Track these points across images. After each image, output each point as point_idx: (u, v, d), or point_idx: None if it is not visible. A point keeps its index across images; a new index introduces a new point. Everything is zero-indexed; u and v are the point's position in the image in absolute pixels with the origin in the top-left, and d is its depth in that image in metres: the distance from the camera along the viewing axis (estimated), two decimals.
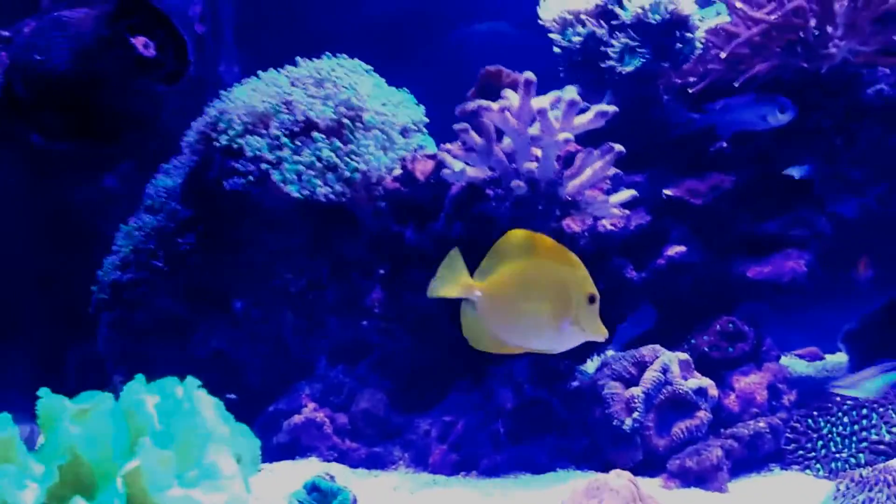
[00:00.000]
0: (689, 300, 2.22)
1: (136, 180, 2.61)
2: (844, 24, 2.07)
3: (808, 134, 2.22)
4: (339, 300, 2.26)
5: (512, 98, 1.89)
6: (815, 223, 2.20)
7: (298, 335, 2.26)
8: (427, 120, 2.37)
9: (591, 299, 1.25)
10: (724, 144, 2.24)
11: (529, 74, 1.87)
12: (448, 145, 2.04)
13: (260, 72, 2.30)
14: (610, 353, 2.24)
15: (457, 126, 1.85)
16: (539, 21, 2.27)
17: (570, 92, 1.85)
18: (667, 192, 2.19)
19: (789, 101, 2.12)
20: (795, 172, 2.20)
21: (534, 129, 1.83)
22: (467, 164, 1.94)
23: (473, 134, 1.87)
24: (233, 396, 2.32)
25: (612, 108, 1.87)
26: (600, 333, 1.26)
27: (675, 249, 2.17)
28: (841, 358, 3.07)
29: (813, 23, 2.02)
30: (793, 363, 3.19)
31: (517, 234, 1.29)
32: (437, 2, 3.37)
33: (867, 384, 1.89)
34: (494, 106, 1.84)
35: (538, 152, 1.90)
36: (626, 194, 1.94)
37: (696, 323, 2.16)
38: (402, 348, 2.22)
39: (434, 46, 3.36)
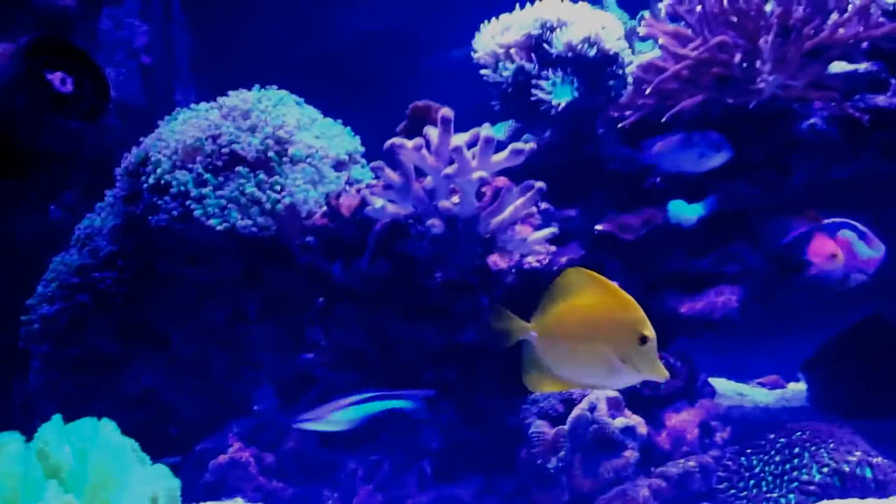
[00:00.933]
0: None
1: (82, 211, 2.60)
2: (773, 58, 2.06)
3: (740, 168, 2.20)
4: (273, 336, 2.23)
5: (432, 135, 1.88)
6: (748, 259, 2.18)
7: (230, 372, 2.24)
8: (363, 150, 2.36)
9: (643, 340, 1.25)
10: (658, 179, 2.23)
11: (447, 111, 1.86)
12: (373, 181, 2.03)
13: (192, 104, 2.29)
14: None
15: (373, 164, 1.84)
16: (472, 54, 2.27)
17: (486, 129, 1.83)
18: (598, 227, 2.17)
19: (725, 141, 2.11)
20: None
21: (450, 168, 1.81)
22: (390, 201, 1.93)
23: (389, 171, 1.85)
24: (174, 430, 2.30)
25: (528, 146, 1.85)
26: (658, 374, 1.27)
27: None
28: (801, 386, 3.06)
29: (738, 58, 2.01)
30: (753, 391, 3.18)
31: (573, 273, 1.34)
32: (409, 28, 3.37)
33: (336, 415, 1.85)
34: (409, 144, 1.82)
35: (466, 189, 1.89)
36: (545, 232, 1.93)
37: None
38: (340, 384, 2.20)
39: (407, 73, 3.35)
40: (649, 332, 1.26)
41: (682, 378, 2.10)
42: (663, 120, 2.07)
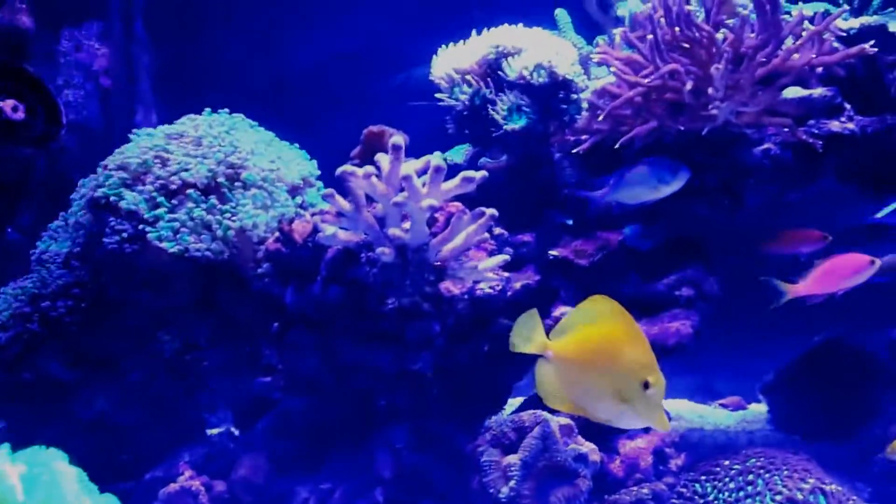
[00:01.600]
0: None
1: (39, 232, 2.58)
2: (724, 86, 2.06)
3: (694, 194, 2.21)
4: (227, 361, 2.21)
5: (383, 162, 1.87)
6: (703, 284, 2.19)
7: (183, 398, 2.21)
8: (318, 173, 2.35)
9: (646, 386, 1.24)
10: (614, 203, 2.23)
11: (397, 138, 1.85)
12: (326, 206, 2.02)
13: (146, 128, 2.28)
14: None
15: (323, 192, 1.83)
16: (429, 78, 2.27)
17: (437, 158, 1.82)
18: (552, 252, 2.17)
19: (681, 164, 2.11)
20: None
21: (399, 196, 1.80)
22: (342, 227, 1.92)
23: (339, 199, 1.84)
24: (126, 458, 2.27)
25: (479, 174, 1.85)
26: (658, 424, 1.25)
27: (561, 310, 2.15)
28: (763, 408, 3.06)
29: (690, 85, 2.02)
30: (715, 413, 3.18)
31: (598, 300, 1.33)
32: (375, 48, 3.36)
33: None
34: (359, 172, 1.81)
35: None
36: (497, 259, 1.92)
37: None
38: (294, 410, 2.18)
39: (371, 94, 3.35)
40: (654, 378, 1.24)
41: None
42: (616, 146, 2.08)
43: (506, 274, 2.02)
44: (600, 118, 2.08)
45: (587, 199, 2.14)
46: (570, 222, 2.27)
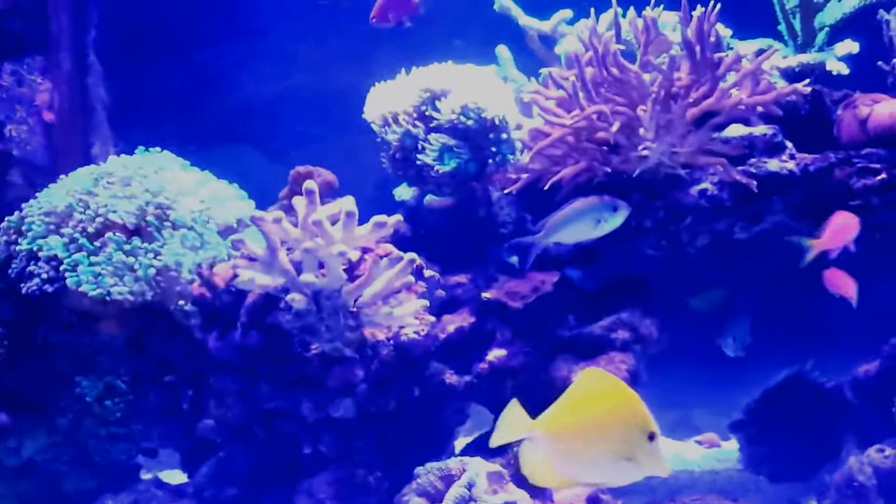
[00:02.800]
0: None
1: None
2: (655, 126, 2.04)
3: (632, 235, 2.17)
4: (160, 404, 2.18)
5: (299, 206, 1.84)
6: (639, 326, 2.15)
7: (110, 443, 2.18)
8: (255, 212, 2.31)
9: (651, 437, 1.24)
10: (551, 244, 2.20)
11: (311, 184, 1.83)
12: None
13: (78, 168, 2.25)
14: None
15: (233, 237, 1.80)
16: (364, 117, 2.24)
17: (348, 203, 1.80)
18: (485, 294, 2.13)
19: (621, 201, 2.07)
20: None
21: (309, 242, 1.77)
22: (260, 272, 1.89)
23: (250, 244, 1.81)
24: None
25: (393, 219, 1.82)
26: (662, 470, 1.25)
27: (496, 354, 2.11)
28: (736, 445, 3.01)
29: (616, 126, 1.99)
30: (687, 450, 3.13)
31: (586, 375, 1.34)
32: (326, 83, 3.35)
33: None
34: (268, 217, 1.79)
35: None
36: (416, 304, 1.89)
37: None
38: (229, 456, 2.15)
39: (325, 129, 3.30)
40: (656, 429, 1.24)
41: None
42: (544, 188, 2.05)
43: (431, 318, 1.98)
44: (526, 158, 2.05)
45: (526, 248, 2.09)
46: (515, 261, 2.23)
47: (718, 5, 2.04)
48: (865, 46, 2.44)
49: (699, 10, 2.03)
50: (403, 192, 2.39)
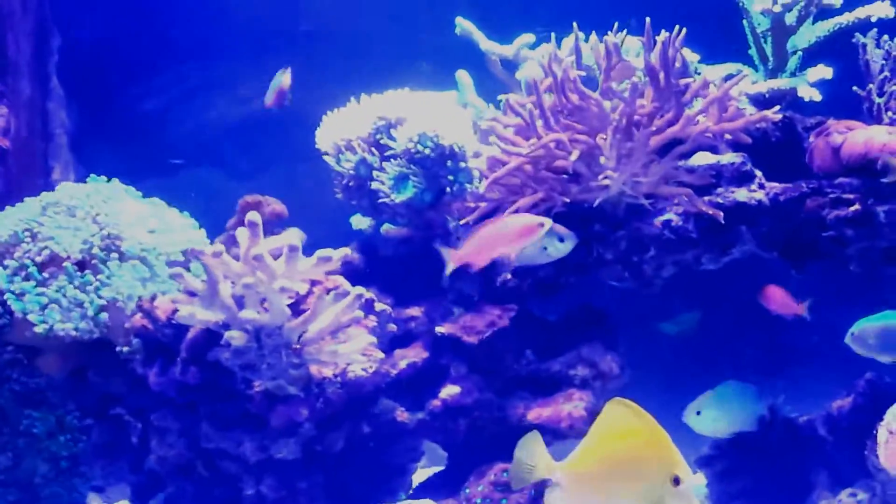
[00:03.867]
0: (469, 444, 2.07)
1: None
2: (616, 155, 1.96)
3: (593, 267, 2.10)
4: (99, 443, 2.10)
5: (241, 239, 1.77)
6: (600, 362, 2.06)
7: (53, 483, 2.10)
8: (207, 242, 2.25)
9: (677, 481, 1.19)
10: (509, 276, 2.12)
11: (254, 216, 1.76)
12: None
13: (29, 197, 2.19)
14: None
15: (171, 270, 1.73)
16: (316, 146, 2.18)
17: (293, 236, 1.73)
18: (440, 329, 2.05)
19: (568, 231, 2.00)
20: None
21: (249, 277, 1.70)
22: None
23: (189, 279, 1.74)
24: None
25: (339, 253, 1.75)
26: None
27: (449, 391, 2.03)
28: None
29: (575, 155, 1.91)
30: None
31: (611, 407, 1.25)
32: (302, 103, 3.29)
33: None
34: (208, 250, 1.72)
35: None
36: (363, 341, 1.81)
37: (472, 470, 2.01)
38: (172, 496, 2.07)
39: (289, 151, 3.24)
40: (684, 473, 1.19)
41: (527, 494, 1.96)
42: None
43: (380, 354, 1.91)
44: (482, 188, 1.98)
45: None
46: (476, 294, 2.16)
47: (684, 30, 1.97)
48: (843, 71, 2.38)
49: (663, 35, 1.97)
50: (360, 221, 2.32)
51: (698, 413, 2.01)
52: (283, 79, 2.39)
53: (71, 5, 2.87)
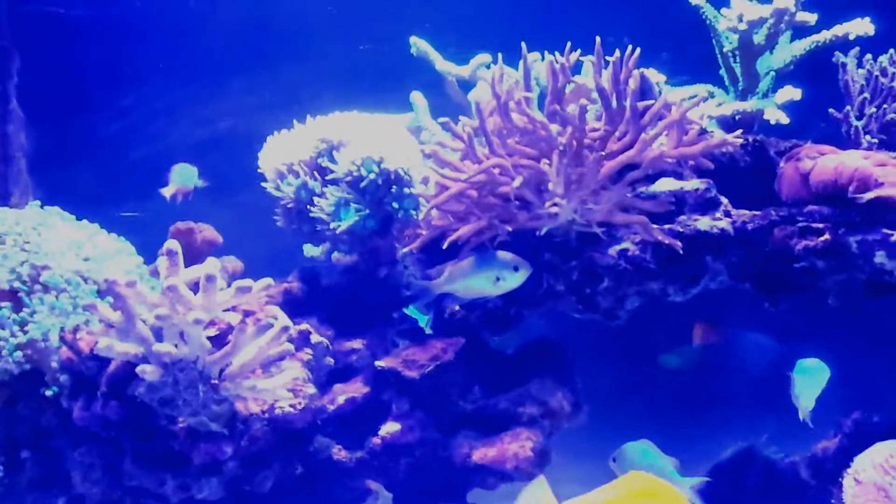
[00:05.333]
0: (411, 485, 1.96)
1: None
2: (566, 180, 1.85)
3: (544, 299, 1.99)
4: (29, 480, 2.01)
5: (161, 269, 1.69)
6: (550, 400, 1.95)
7: None
8: (143, 270, 2.16)
9: None
10: (457, 308, 2.02)
11: (173, 244, 1.68)
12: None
13: None
14: None
15: (85, 301, 1.65)
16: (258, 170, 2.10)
17: (211, 266, 1.64)
18: (379, 363, 1.95)
19: (521, 259, 1.90)
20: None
21: (162, 308, 1.61)
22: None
23: (103, 309, 1.66)
24: None
25: (260, 284, 1.65)
26: None
27: (389, 428, 1.93)
28: None
29: (519, 181, 1.81)
30: None
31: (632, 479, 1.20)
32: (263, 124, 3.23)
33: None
34: (121, 280, 1.63)
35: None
36: (286, 376, 1.71)
37: None
38: None
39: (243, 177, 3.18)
40: None
41: None
42: (443, 246, 1.87)
43: (311, 389, 1.81)
44: (421, 215, 1.89)
45: (424, 289, 1.93)
46: (427, 326, 2.07)
47: (638, 50, 1.87)
48: (824, 92, 2.26)
49: (616, 54, 1.87)
50: (312, 249, 2.23)
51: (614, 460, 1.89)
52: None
53: (31, 27, 2.83)
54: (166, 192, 2.40)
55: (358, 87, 2.61)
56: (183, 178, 2.41)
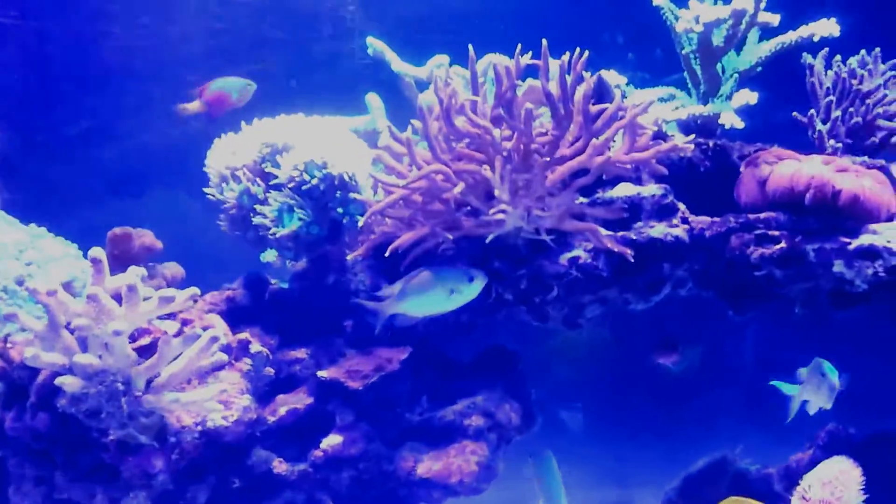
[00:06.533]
0: (354, 499, 1.90)
1: None
2: (512, 187, 1.80)
3: (493, 308, 1.93)
4: None
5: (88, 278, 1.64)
6: (497, 411, 1.89)
7: None
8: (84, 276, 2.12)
9: None
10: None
11: (97, 252, 1.63)
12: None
13: None
14: None
15: (7, 310, 1.60)
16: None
17: (131, 275, 1.59)
18: (322, 373, 1.90)
19: (476, 270, 1.84)
20: None
21: (81, 319, 1.56)
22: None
23: (25, 318, 1.61)
24: None
25: (185, 293, 1.61)
26: None
27: (331, 440, 1.87)
28: None
29: (460, 187, 1.75)
30: None
31: None
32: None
33: None
34: (42, 288, 1.58)
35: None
36: (213, 389, 1.66)
37: None
38: None
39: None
40: None
41: None
42: (386, 254, 1.81)
43: (244, 401, 1.76)
44: (361, 222, 1.84)
45: (373, 313, 1.86)
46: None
47: (587, 53, 1.81)
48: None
49: (565, 57, 1.81)
50: (269, 255, 2.18)
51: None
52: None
53: None
54: (190, 108, 2.24)
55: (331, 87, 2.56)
56: (227, 88, 2.25)
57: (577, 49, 1.80)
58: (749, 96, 2.00)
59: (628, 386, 2.99)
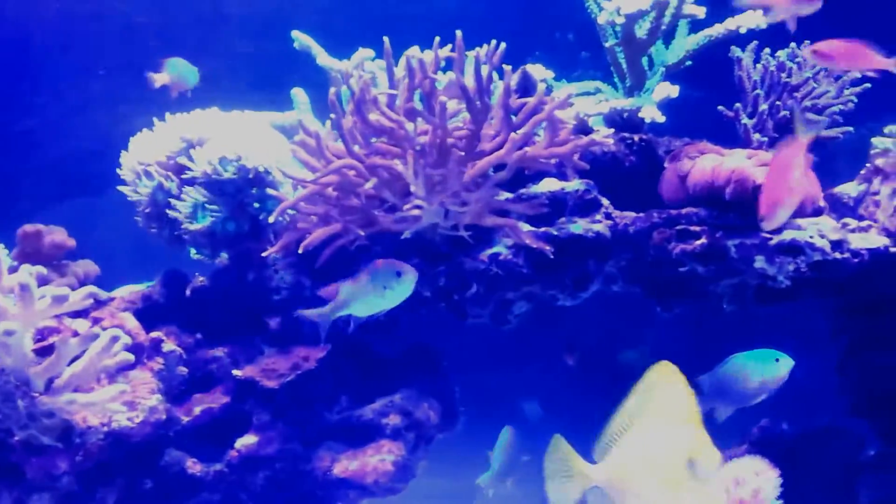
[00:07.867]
0: (269, 500, 1.87)
1: None
2: (427, 182, 1.77)
3: (413, 303, 1.90)
4: None
5: None
6: (416, 410, 1.87)
7: None
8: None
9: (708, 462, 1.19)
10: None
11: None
12: None
13: None
14: None
15: None
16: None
17: (23, 274, 1.54)
18: (236, 372, 1.87)
19: (406, 265, 1.80)
20: None
21: None
22: None
23: None
24: None
25: (81, 292, 1.57)
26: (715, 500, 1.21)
27: (246, 440, 1.84)
28: None
29: (372, 183, 1.72)
30: None
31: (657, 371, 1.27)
32: None
33: None
34: None
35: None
36: (114, 389, 1.62)
37: None
38: None
39: None
40: (701, 456, 1.20)
41: None
42: (299, 251, 1.78)
43: (152, 401, 1.72)
44: (271, 218, 1.80)
45: (317, 319, 1.81)
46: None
47: (503, 45, 1.79)
48: None
49: (482, 49, 1.78)
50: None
51: None
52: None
53: None
54: (158, 79, 2.21)
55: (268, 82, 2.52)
56: (181, 72, 2.23)
57: (493, 41, 1.77)
58: (670, 89, 1.99)
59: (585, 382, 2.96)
